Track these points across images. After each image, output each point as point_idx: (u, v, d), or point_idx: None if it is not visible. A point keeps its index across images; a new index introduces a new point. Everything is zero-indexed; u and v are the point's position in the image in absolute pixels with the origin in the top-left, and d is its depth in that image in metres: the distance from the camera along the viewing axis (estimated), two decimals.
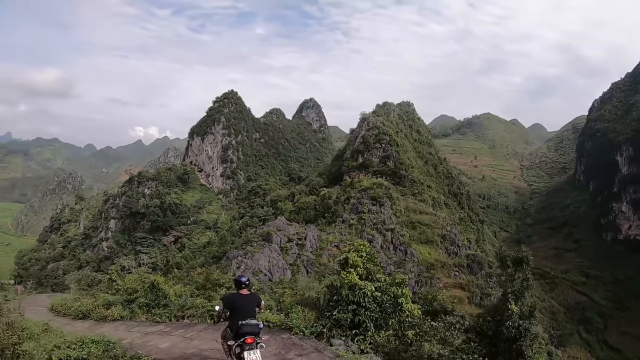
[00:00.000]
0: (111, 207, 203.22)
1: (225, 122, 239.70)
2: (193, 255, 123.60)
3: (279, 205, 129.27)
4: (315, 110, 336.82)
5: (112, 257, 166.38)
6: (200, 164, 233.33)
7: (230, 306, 11.79)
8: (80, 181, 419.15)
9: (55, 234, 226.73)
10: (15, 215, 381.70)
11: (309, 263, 76.11)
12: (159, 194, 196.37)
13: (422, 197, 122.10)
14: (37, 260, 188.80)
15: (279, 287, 29.33)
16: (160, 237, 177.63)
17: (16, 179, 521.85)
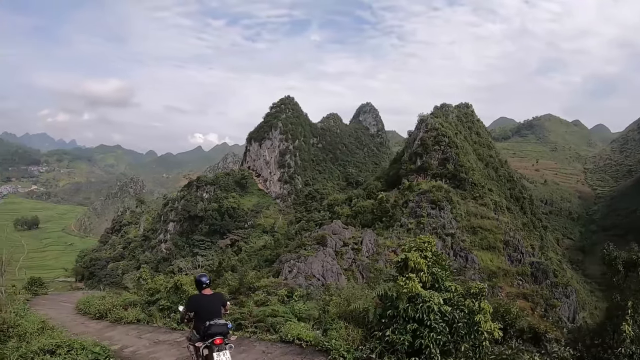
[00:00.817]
0: (170, 211, 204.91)
1: (283, 128, 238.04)
2: (249, 258, 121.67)
3: (335, 210, 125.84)
4: (372, 115, 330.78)
5: (170, 259, 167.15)
6: (258, 169, 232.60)
7: (195, 307, 11.38)
8: (141, 185, 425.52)
9: (116, 236, 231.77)
10: (78, 217, 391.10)
11: (364, 268, 72.19)
12: (217, 198, 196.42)
13: (483, 200, 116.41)
14: (98, 260, 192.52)
15: (326, 294, 25.55)
16: (217, 240, 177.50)
17: (80, 184, 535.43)
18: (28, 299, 37.02)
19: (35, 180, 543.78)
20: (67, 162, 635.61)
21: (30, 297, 41.66)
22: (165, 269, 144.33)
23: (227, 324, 11.07)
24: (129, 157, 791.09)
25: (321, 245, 73.00)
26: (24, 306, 23.00)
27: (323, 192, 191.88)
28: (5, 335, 15.17)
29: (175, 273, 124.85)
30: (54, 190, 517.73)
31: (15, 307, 21.19)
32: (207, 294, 11.69)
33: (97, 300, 29.13)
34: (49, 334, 15.28)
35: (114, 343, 17.45)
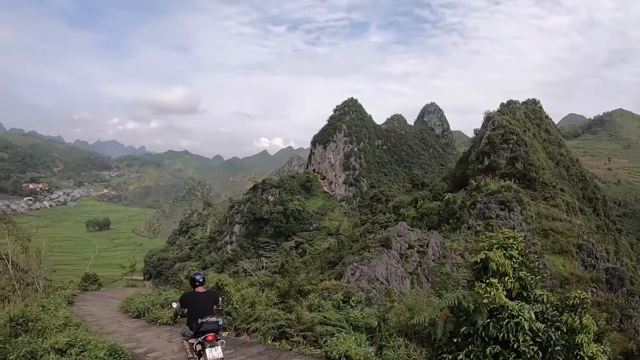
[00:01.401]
0: (236, 213, 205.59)
1: (347, 130, 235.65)
2: (313, 260, 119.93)
3: (401, 212, 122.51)
4: (437, 115, 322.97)
5: (235, 260, 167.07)
6: (323, 172, 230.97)
7: (188, 305, 11.77)
8: (208, 189, 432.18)
9: (183, 237, 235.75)
10: (147, 219, 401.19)
11: (430, 272, 68.95)
12: (282, 200, 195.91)
13: (555, 201, 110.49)
14: (165, 260, 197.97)
15: (386, 299, 22.81)
16: (282, 242, 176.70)
17: (150, 187, 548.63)
18: (75, 294, 35.99)
19: (106, 184, 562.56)
20: (137, 167, 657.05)
21: (78, 292, 40.78)
22: (230, 269, 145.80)
23: (218, 322, 11.31)
24: (197, 161, 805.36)
25: (386, 247, 70.28)
26: (59, 300, 21.94)
27: (388, 194, 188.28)
28: (23, 329, 14.36)
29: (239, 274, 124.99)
30: (124, 194, 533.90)
31: (46, 300, 20.49)
32: (200, 291, 12.04)
33: (139, 298, 27.53)
34: (68, 331, 14.18)
35: (141, 345, 16.34)
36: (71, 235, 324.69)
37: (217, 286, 20.10)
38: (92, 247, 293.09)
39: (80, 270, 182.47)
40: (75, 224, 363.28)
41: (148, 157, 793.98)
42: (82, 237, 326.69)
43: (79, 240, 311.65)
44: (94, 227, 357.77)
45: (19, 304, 17.13)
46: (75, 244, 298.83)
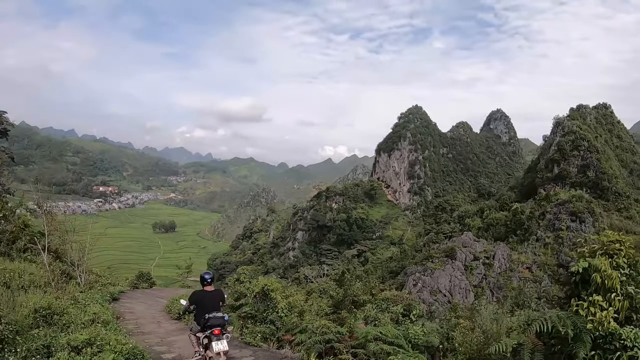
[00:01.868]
0: (299, 220, 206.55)
1: (411, 138, 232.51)
2: (374, 269, 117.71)
3: (466, 222, 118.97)
4: (504, 122, 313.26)
5: (297, 266, 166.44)
6: (388, 180, 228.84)
7: (198, 302, 12.39)
8: (272, 196, 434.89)
9: (247, 242, 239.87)
10: (212, 223, 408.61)
11: (495, 286, 65.57)
12: (346, 208, 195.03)
13: (629, 213, 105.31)
14: (228, 263, 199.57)
15: (452, 315, 20.62)
16: (344, 250, 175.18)
17: (215, 193, 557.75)
18: (123, 291, 35.53)
19: (173, 189, 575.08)
20: (203, 173, 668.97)
21: (128, 289, 40.34)
22: (291, 275, 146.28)
23: (224, 317, 12.04)
24: (262, 169, 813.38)
25: (450, 258, 67.66)
26: (96, 296, 21.85)
27: (453, 203, 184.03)
28: (47, 321, 13.52)
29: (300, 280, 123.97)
30: (190, 198, 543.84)
31: (82, 295, 20.24)
32: (209, 290, 12.65)
33: (185, 299, 26.21)
34: (92, 329, 13.06)
35: (171, 350, 15.53)
36: (138, 236, 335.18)
37: (263, 291, 18.75)
38: (158, 248, 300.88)
39: (144, 269, 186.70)
40: (142, 226, 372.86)
41: (214, 164, 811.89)
42: (149, 238, 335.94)
43: (145, 241, 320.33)
44: (160, 229, 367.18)
45: (48, 296, 16.16)
46: (141, 244, 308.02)
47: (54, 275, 19.11)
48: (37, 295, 15.50)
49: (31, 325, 12.30)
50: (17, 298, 13.96)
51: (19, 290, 16.04)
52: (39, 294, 16.02)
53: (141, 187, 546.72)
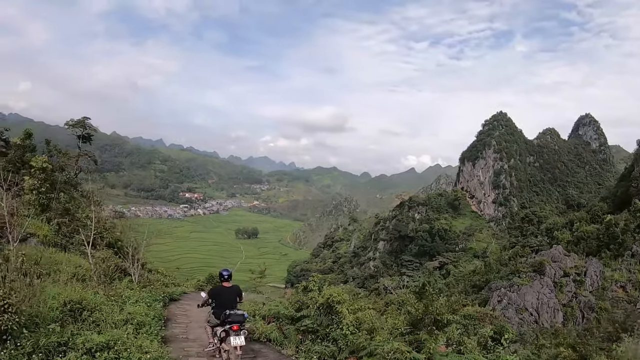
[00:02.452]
0: (381, 230, 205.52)
1: (496, 146, 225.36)
2: (456, 283, 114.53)
3: (554, 235, 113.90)
4: (593, 128, 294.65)
5: (377, 276, 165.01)
6: (472, 190, 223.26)
7: (216, 297, 13.41)
8: (355, 205, 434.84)
9: (328, 250, 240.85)
10: (294, 231, 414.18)
11: (586, 306, 61.57)
12: (429, 219, 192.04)
13: None
14: (307, 271, 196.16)
15: (550, 339, 18.74)
16: (426, 261, 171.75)
17: (298, 201, 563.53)
18: (186, 292, 35.13)
19: (257, 197, 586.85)
20: (287, 182, 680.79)
21: (192, 290, 40.09)
22: (370, 286, 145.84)
23: (244, 314, 12.76)
24: (345, 178, 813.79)
25: (538, 273, 64.23)
26: (143, 294, 20.70)
27: (540, 215, 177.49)
28: (73, 316, 12.46)
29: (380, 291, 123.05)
30: (273, 206, 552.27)
31: (129, 292, 19.60)
32: (227, 285, 13.51)
33: (247, 306, 24.31)
34: (120, 330, 12.43)
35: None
36: (221, 241, 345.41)
37: (328, 303, 16.39)
38: (240, 253, 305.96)
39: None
40: (225, 231, 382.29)
41: (297, 173, 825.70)
42: (231, 243, 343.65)
43: (227, 246, 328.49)
44: (243, 235, 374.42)
45: (85, 290, 15.37)
46: (224, 249, 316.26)
47: (96, 269, 18.56)
48: (71, 288, 14.56)
49: (55, 319, 11.29)
50: (48, 289, 13.31)
51: (56, 282, 15.46)
52: (77, 287, 15.10)
53: (225, 195, 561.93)
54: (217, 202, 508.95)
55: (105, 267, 21.00)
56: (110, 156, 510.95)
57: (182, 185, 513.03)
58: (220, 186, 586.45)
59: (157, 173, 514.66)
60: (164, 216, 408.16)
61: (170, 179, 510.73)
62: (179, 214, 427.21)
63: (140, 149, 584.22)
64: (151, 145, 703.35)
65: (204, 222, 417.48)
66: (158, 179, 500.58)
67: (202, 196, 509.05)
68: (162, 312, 19.20)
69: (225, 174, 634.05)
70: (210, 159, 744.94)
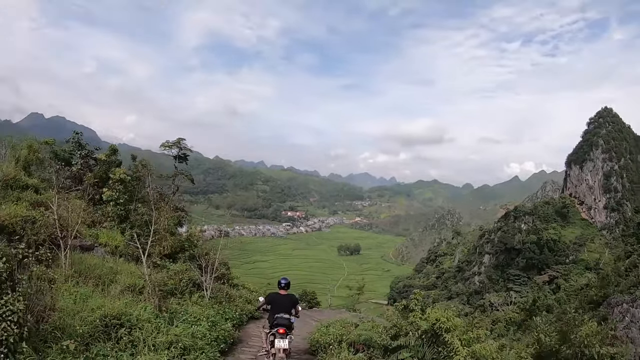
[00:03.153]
0: (486, 242, 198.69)
1: (604, 145, 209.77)
2: (567, 298, 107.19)
3: None
4: None
5: (482, 292, 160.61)
6: (581, 196, 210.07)
7: (271, 302, 13.74)
8: (458, 218, 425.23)
9: (431, 265, 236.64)
10: (396, 247, 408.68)
11: None
12: (536, 229, 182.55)
13: None
14: (411, 287, 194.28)
15: None
16: (534, 275, 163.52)
17: (399, 216, 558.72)
18: None
19: (358, 213, 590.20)
20: (388, 197, 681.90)
21: None
22: (475, 302, 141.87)
23: (290, 319, 13.17)
24: (446, 190, 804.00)
25: None
26: (209, 311, 17.82)
27: None
28: (107, 333, 10.79)
29: (485, 308, 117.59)
30: (375, 222, 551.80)
31: (195, 309, 17.29)
32: (282, 293, 13.80)
33: (335, 328, 19.26)
34: (152, 356, 10.67)
35: None
36: (324, 258, 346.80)
37: (433, 330, 12.43)
38: (342, 269, 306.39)
39: (327, 289, 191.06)
40: (328, 248, 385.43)
41: (398, 188, 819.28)
42: (333, 260, 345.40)
43: (330, 263, 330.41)
44: (345, 251, 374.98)
45: (129, 302, 13.71)
46: (326, 265, 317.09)
47: (150, 280, 16.26)
48: (114, 300, 12.98)
49: (81, 335, 9.84)
50: (92, 300, 12.42)
51: (106, 293, 14.52)
52: (125, 300, 13.60)
53: (327, 212, 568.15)
54: (319, 220, 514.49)
55: (172, 279, 20.40)
56: (214, 179, 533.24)
57: (284, 204, 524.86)
58: (322, 204, 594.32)
59: (259, 193, 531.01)
60: (267, 234, 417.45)
61: (273, 199, 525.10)
62: (281, 232, 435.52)
63: (242, 171, 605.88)
64: (253, 167, 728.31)
65: (306, 239, 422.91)
66: (260, 198, 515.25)
67: (304, 214, 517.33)
68: (230, 333, 16.72)
69: (327, 192, 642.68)
70: (311, 178, 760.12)
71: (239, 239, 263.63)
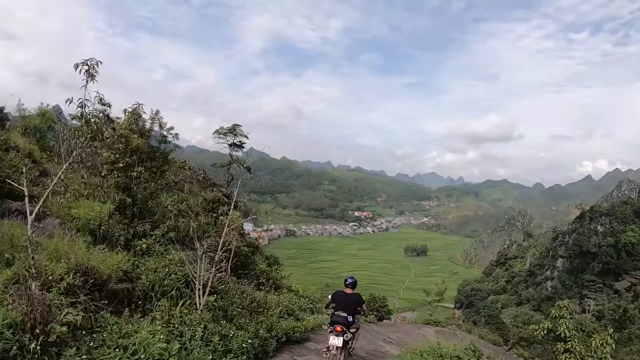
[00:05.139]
0: (560, 245, 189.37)
1: None
2: None
3: None
4: None
5: (555, 298, 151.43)
6: None
7: (335, 300, 13.59)
8: (529, 219, 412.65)
9: (500, 268, 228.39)
10: (465, 248, 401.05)
11: None
12: (614, 231, 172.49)
13: None
14: (479, 291, 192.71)
15: None
16: (611, 282, 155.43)
17: (468, 217, 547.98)
18: (321, 324, 26.58)
19: (426, 214, 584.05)
20: (456, 197, 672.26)
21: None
22: (547, 309, 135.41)
23: (347, 317, 12.81)
24: (516, 190, 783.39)
25: None
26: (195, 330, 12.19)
27: None
28: None
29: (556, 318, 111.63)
30: (443, 223, 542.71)
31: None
32: (347, 292, 13.56)
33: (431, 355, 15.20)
34: None
35: None
36: (391, 259, 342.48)
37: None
38: (409, 271, 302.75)
39: (393, 290, 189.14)
40: (395, 249, 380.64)
41: (466, 187, 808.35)
42: (401, 261, 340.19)
43: (397, 264, 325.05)
44: (412, 252, 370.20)
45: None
46: (393, 266, 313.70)
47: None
48: None
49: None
50: None
51: None
52: None
53: (394, 212, 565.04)
54: (386, 220, 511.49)
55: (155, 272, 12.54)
56: (281, 179, 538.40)
57: (351, 205, 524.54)
58: (389, 204, 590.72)
59: (326, 193, 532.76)
60: (333, 234, 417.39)
61: (339, 199, 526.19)
62: (348, 232, 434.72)
63: (309, 171, 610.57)
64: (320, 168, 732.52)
65: (373, 240, 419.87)
66: (327, 198, 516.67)
67: (371, 214, 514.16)
68: None
69: (394, 192, 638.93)
70: (378, 178, 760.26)
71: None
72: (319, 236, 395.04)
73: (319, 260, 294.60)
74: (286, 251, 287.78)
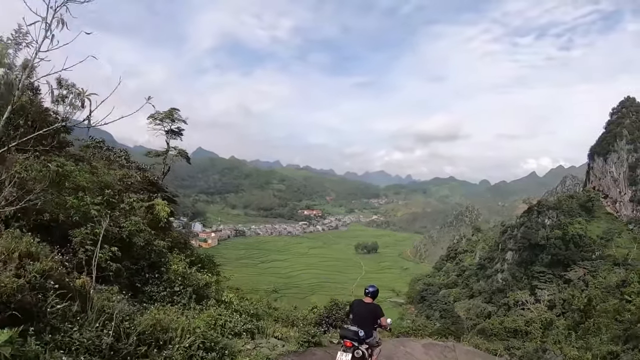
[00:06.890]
0: (509, 239, 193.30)
1: (629, 136, 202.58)
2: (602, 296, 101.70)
3: None
4: None
5: (505, 290, 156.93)
6: (605, 189, 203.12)
7: (352, 310, 12.69)
8: (477, 214, 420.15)
9: (451, 263, 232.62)
10: (414, 244, 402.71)
11: None
12: (561, 224, 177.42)
13: None
14: (431, 286, 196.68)
15: None
16: (559, 272, 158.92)
17: (417, 214, 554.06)
18: (291, 350, 21.17)
19: (375, 211, 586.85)
20: (404, 195, 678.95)
21: (295, 348, 19.64)
22: (499, 301, 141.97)
23: (358, 332, 11.41)
24: (463, 187, 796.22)
25: None
26: None
27: None
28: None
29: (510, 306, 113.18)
30: (392, 220, 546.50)
31: None
32: (366, 301, 12.52)
33: None
34: None
35: None
36: (341, 256, 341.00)
37: None
38: (360, 268, 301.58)
39: (345, 288, 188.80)
40: (345, 247, 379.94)
41: (414, 185, 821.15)
42: (352, 259, 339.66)
43: (348, 262, 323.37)
44: (363, 250, 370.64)
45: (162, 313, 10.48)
46: (345, 264, 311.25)
47: None
48: None
49: None
50: None
51: None
52: None
53: (344, 210, 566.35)
54: (336, 218, 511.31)
55: None
56: (229, 179, 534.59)
57: (300, 203, 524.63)
58: (339, 202, 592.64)
59: (275, 192, 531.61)
60: (283, 233, 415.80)
61: (289, 198, 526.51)
62: (298, 231, 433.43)
63: (258, 170, 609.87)
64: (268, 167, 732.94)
65: (323, 238, 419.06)
66: (276, 198, 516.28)
67: (320, 213, 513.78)
68: None
69: (343, 191, 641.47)
70: (327, 177, 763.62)
71: None
72: (268, 236, 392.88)
73: (270, 260, 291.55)
74: (236, 252, 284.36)
